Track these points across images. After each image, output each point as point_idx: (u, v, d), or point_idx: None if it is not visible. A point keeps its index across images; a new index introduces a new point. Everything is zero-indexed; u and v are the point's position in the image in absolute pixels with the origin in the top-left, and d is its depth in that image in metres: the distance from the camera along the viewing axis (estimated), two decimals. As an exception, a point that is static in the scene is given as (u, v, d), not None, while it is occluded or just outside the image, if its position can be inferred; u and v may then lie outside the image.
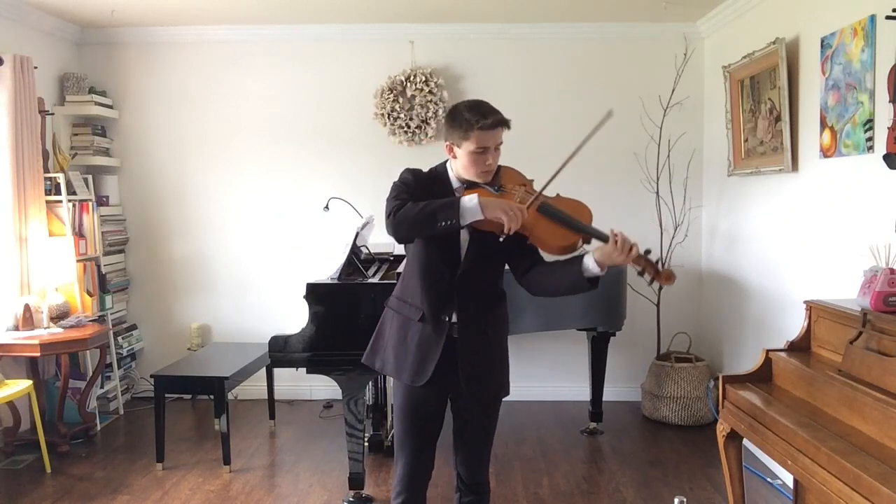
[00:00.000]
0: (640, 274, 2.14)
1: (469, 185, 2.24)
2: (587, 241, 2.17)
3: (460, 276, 2.25)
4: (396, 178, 2.27)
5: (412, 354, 2.27)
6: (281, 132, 5.07)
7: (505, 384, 2.40)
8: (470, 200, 2.05)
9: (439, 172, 2.31)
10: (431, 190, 2.22)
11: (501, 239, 2.12)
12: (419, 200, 2.14)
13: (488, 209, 2.04)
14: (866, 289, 2.45)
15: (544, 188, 2.18)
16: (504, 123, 2.17)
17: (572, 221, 2.16)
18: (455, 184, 2.27)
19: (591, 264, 2.11)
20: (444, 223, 2.05)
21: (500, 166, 2.29)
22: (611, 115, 2.13)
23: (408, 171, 2.29)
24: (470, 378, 2.28)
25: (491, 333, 2.33)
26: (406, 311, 2.31)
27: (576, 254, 2.18)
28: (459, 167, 2.23)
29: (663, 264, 2.14)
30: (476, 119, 2.13)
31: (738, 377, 2.80)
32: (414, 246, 2.31)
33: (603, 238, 2.11)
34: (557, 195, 2.27)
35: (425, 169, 2.33)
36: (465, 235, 2.24)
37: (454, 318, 2.25)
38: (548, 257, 2.25)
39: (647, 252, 2.12)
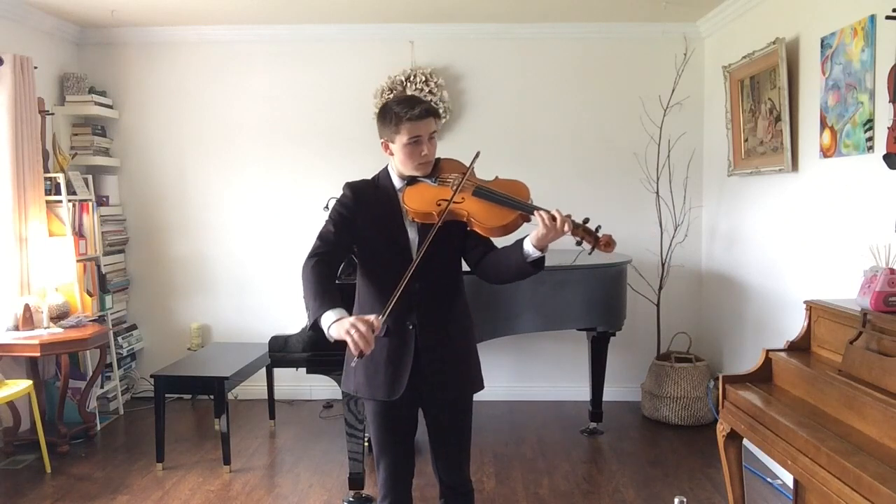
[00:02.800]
0: (579, 244, 2.10)
1: (410, 182, 2.25)
2: (526, 219, 2.15)
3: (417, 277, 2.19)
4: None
5: (383, 369, 2.24)
6: (281, 132, 5.07)
7: (474, 379, 2.37)
8: (326, 320, 2.03)
9: (381, 178, 2.32)
10: (375, 198, 2.25)
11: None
12: (360, 215, 2.21)
13: (334, 331, 2.00)
14: (866, 289, 2.45)
15: (461, 183, 2.17)
16: (432, 113, 2.20)
17: (508, 200, 2.16)
18: (398, 183, 2.28)
19: (528, 248, 2.12)
20: (308, 315, 2.10)
21: (439, 158, 2.30)
22: (478, 154, 2.29)
23: (347, 186, 2.30)
24: (436, 379, 2.25)
25: (453, 331, 2.30)
26: None
27: (520, 233, 2.15)
28: (398, 163, 2.25)
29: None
30: (404, 111, 2.16)
31: (738, 377, 2.80)
32: (361, 263, 2.31)
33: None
34: (496, 178, 2.28)
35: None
36: (412, 235, 2.24)
37: (416, 322, 2.22)
38: (499, 242, 2.22)
39: (586, 221, 2.09)
